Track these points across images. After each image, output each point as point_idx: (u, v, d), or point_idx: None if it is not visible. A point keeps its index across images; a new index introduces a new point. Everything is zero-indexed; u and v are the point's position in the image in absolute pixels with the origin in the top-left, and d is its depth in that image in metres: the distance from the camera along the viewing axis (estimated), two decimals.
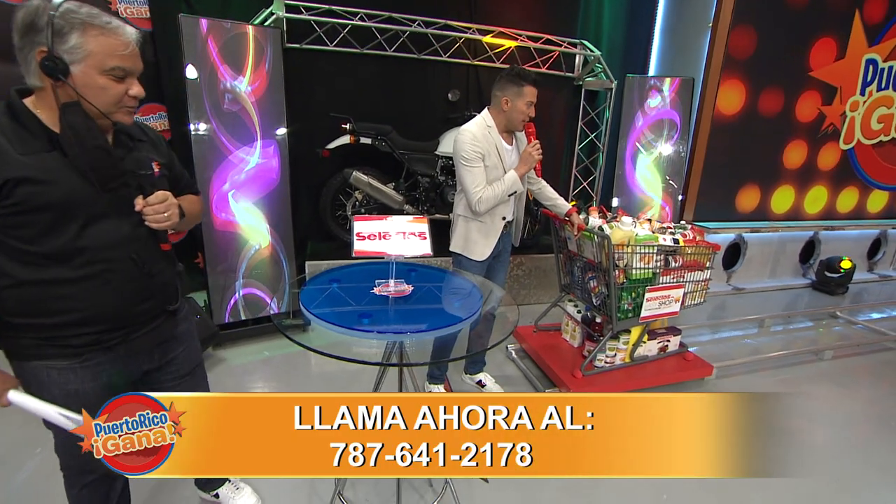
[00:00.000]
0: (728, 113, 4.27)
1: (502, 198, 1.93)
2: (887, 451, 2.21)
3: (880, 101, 4.88)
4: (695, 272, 2.47)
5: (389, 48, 3.50)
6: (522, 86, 1.89)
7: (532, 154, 1.93)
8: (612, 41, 4.30)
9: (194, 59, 2.51)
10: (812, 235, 4.87)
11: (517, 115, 1.93)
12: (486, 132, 1.96)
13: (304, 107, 3.48)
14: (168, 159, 1.21)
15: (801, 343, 3.31)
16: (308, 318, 1.18)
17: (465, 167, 1.93)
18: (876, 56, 4.67)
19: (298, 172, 3.55)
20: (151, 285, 1.13)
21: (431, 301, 1.34)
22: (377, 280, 1.35)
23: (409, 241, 1.33)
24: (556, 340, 2.77)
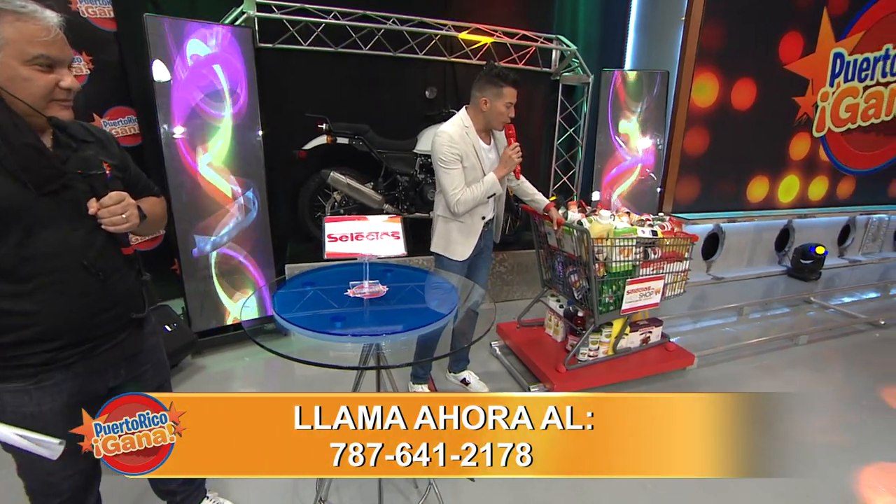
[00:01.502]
0: (703, 105, 4.33)
1: (481, 199, 1.92)
2: (858, 430, 2.27)
3: (847, 92, 5.06)
4: (674, 263, 2.49)
5: (364, 46, 3.46)
6: (502, 87, 1.87)
7: (512, 157, 1.92)
8: (587, 36, 4.32)
9: (162, 60, 2.44)
10: (786, 224, 4.98)
11: (496, 116, 1.91)
12: (464, 133, 1.94)
13: (279, 107, 3.42)
14: (121, 160, 1.14)
15: (777, 329, 3.38)
16: (279, 324, 1.15)
17: (443, 170, 1.91)
18: (842, 50, 4.85)
19: (275, 174, 3.51)
20: (112, 294, 1.08)
21: (407, 301, 1.32)
22: (351, 282, 1.32)
23: (383, 241, 1.31)
24: (539, 336, 2.78)
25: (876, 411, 2.44)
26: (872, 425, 2.32)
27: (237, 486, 1.85)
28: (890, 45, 5.15)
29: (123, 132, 3.09)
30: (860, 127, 5.30)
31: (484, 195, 1.91)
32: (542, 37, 3.91)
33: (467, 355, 2.51)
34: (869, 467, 2.03)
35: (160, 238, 3.42)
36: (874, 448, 2.14)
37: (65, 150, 1.00)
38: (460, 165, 1.91)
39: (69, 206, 0.98)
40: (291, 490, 1.82)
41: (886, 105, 5.37)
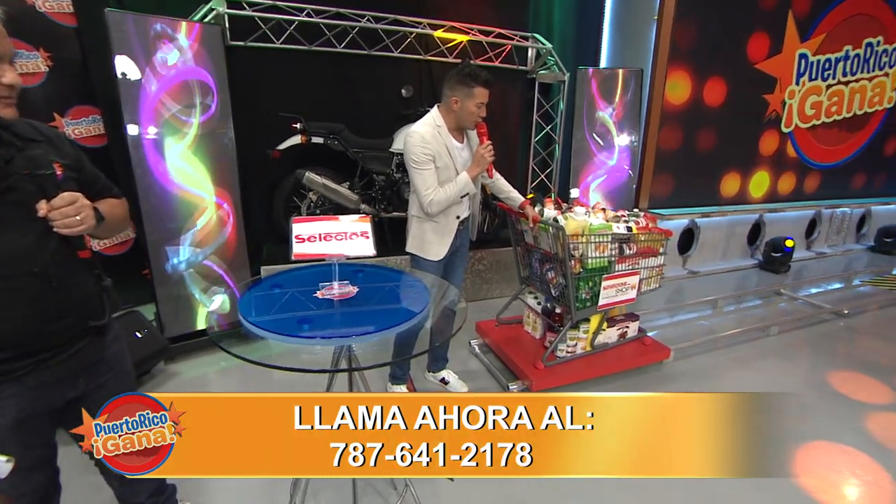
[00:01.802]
0: (676, 103, 4.42)
1: (454, 199, 1.91)
2: (826, 415, 2.35)
3: (811, 91, 5.27)
4: (649, 258, 2.53)
5: (339, 45, 3.42)
6: (472, 87, 1.86)
7: (484, 156, 1.91)
8: (563, 34, 4.35)
9: (125, 57, 2.36)
10: (758, 218, 5.11)
11: (467, 115, 1.90)
12: (436, 132, 1.92)
13: (253, 107, 3.35)
14: (74, 160, 1.09)
15: (750, 321, 3.47)
16: (245, 329, 1.12)
17: (416, 170, 1.90)
18: (807, 51, 5.05)
19: (249, 175, 3.44)
20: (66, 301, 1.04)
21: (378, 301, 1.30)
22: (321, 283, 1.29)
23: (352, 241, 1.29)
24: (518, 333, 2.79)
25: (833, 396, 2.53)
26: (825, 408, 2.42)
27: (211, 496, 1.80)
28: (849, 47, 5.36)
29: (88, 132, 2.98)
30: (824, 123, 5.51)
31: (457, 195, 1.90)
32: (517, 35, 3.92)
33: (446, 354, 2.51)
34: (811, 445, 2.11)
35: (130, 242, 3.32)
36: (822, 428, 2.23)
37: (9, 150, 0.95)
38: (433, 165, 1.90)
39: (15, 209, 0.93)
40: (268, 496, 1.78)
41: (847, 103, 5.59)
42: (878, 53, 5.61)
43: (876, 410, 2.41)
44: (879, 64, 5.67)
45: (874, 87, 5.75)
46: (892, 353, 3.06)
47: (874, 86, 5.74)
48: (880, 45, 5.58)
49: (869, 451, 2.09)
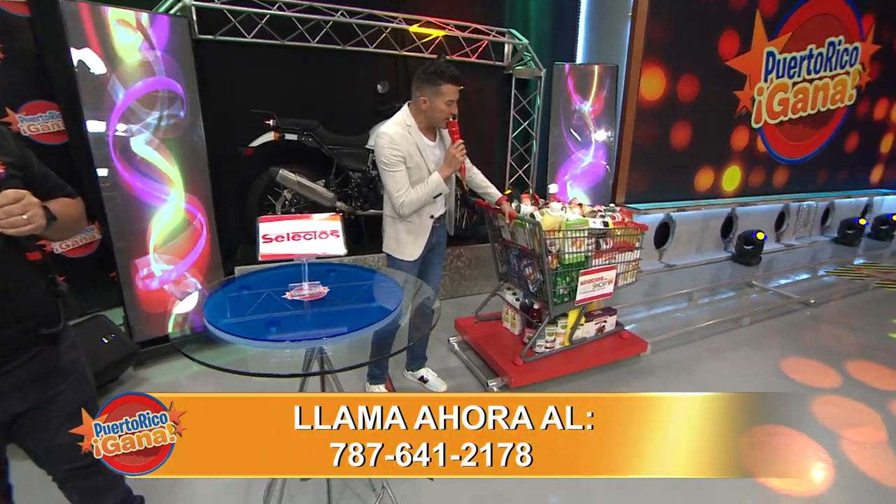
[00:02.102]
0: (651, 99, 4.48)
1: (426, 200, 1.89)
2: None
3: (779, 88, 5.44)
4: (625, 253, 2.55)
5: (312, 39, 3.34)
6: (439, 84, 1.82)
7: (456, 156, 1.87)
8: (539, 30, 4.35)
9: (83, 49, 2.25)
10: (730, 212, 5.24)
11: (437, 114, 1.86)
12: (406, 132, 1.89)
13: (224, 103, 3.25)
14: (19, 158, 1.02)
15: (724, 313, 3.55)
16: (211, 333, 1.07)
17: (387, 172, 1.87)
18: (774, 49, 5.19)
19: (222, 173, 3.34)
20: (12, 307, 0.97)
21: (349, 302, 1.26)
22: (290, 284, 1.25)
23: (322, 240, 1.25)
24: (497, 329, 2.79)
25: (792, 385, 2.61)
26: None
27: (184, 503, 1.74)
28: (813, 46, 5.54)
29: (45, 129, 2.83)
30: (791, 119, 5.69)
31: (429, 195, 1.87)
32: (493, 30, 3.91)
33: (425, 352, 2.48)
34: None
35: (96, 243, 3.19)
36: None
37: None
38: (403, 166, 1.87)
39: None
40: (243, 502, 1.73)
41: (811, 100, 5.79)
42: (839, 52, 5.82)
43: (825, 394, 2.50)
44: (841, 63, 5.88)
45: (836, 85, 5.96)
46: (852, 340, 3.18)
47: (836, 84, 5.95)
48: (841, 44, 5.79)
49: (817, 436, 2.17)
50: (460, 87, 1.85)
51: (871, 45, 6.06)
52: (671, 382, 2.58)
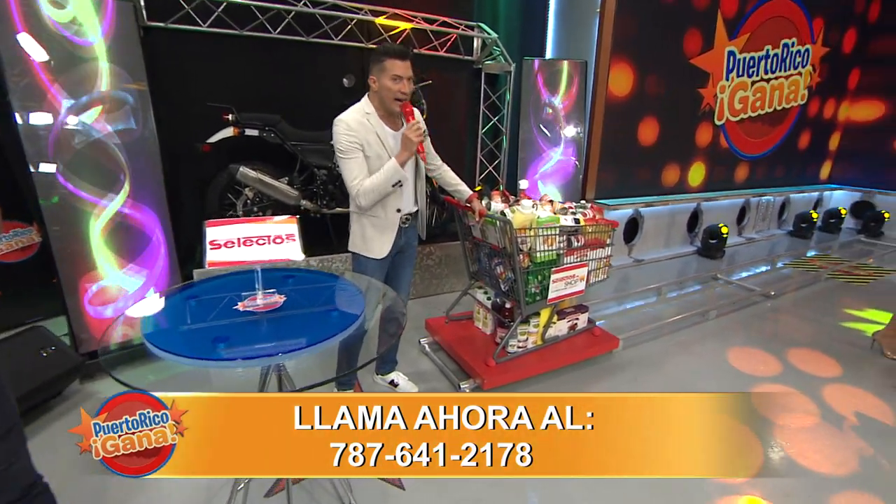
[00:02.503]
0: (620, 95, 4.53)
1: (384, 188, 1.78)
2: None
3: (739, 86, 5.62)
4: (597, 250, 2.55)
5: (274, 30, 3.18)
6: (383, 60, 1.74)
7: (410, 137, 1.75)
8: (509, 24, 4.31)
9: (12, 34, 2.04)
10: (696, 207, 5.38)
11: (386, 93, 1.77)
12: (364, 119, 1.81)
13: (179, 96, 3.06)
14: None
15: (691, 306, 3.62)
16: (150, 351, 0.97)
17: (342, 160, 1.79)
18: (734, 48, 5.35)
19: (180, 170, 3.16)
20: None
21: (307, 311, 1.16)
22: (244, 293, 1.14)
23: (277, 245, 1.14)
24: (468, 329, 2.74)
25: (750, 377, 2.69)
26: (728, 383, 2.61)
27: None
28: (769, 46, 5.75)
29: None
30: (750, 117, 5.89)
31: (386, 183, 1.77)
32: (462, 24, 3.84)
33: (395, 356, 2.41)
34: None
35: (35, 247, 2.95)
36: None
37: None
38: (360, 154, 1.79)
39: None
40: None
41: (769, 98, 6.01)
42: (792, 53, 6.06)
43: (764, 383, 2.59)
44: (794, 64, 6.13)
45: (790, 85, 6.22)
46: (809, 331, 3.31)
47: (790, 83, 6.20)
48: (794, 45, 6.04)
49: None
50: (406, 61, 1.75)
51: (821, 48, 6.35)
52: (642, 378, 2.60)
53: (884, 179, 6.70)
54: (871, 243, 6.08)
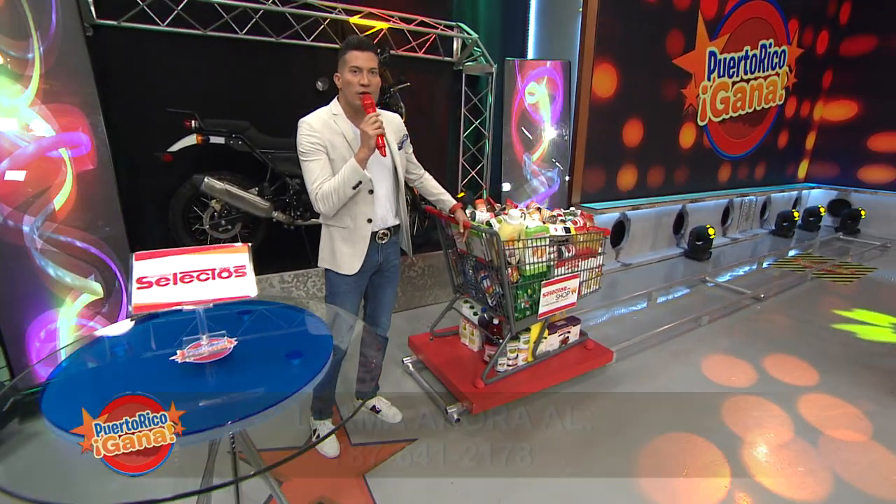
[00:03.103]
0: (604, 96, 4.43)
1: (343, 191, 1.59)
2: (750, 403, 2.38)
3: (720, 87, 5.61)
4: (588, 259, 2.41)
5: (240, 30, 2.98)
6: (345, 54, 1.62)
7: (366, 131, 1.55)
8: (489, 24, 4.18)
9: None
10: (681, 208, 5.33)
11: (347, 87, 1.62)
12: (330, 120, 1.66)
13: (138, 101, 2.83)
14: None
15: (683, 312, 3.52)
16: (50, 430, 0.78)
17: (304, 162, 1.65)
18: (715, 49, 5.33)
19: (142, 181, 2.94)
20: None
21: (260, 360, 0.96)
22: (185, 338, 0.94)
23: (222, 280, 0.95)
24: (454, 347, 2.57)
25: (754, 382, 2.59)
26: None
27: None
28: (748, 47, 5.76)
29: None
30: (731, 117, 5.89)
31: (344, 184, 1.58)
32: (441, 24, 3.68)
33: (377, 380, 2.22)
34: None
35: None
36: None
37: None
38: (323, 156, 1.63)
39: None
40: None
41: (749, 99, 6.03)
42: (770, 54, 6.10)
43: (806, 392, 2.49)
44: (772, 64, 6.17)
45: (769, 86, 6.25)
46: (801, 334, 3.24)
47: (768, 84, 6.24)
48: (772, 46, 6.07)
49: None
50: (367, 52, 1.60)
51: (796, 49, 6.41)
52: (640, 391, 2.47)
53: (858, 177, 6.80)
54: (849, 241, 6.15)
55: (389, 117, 1.83)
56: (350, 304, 1.81)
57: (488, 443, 2.04)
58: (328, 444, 1.96)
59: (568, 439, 2.08)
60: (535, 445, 2.04)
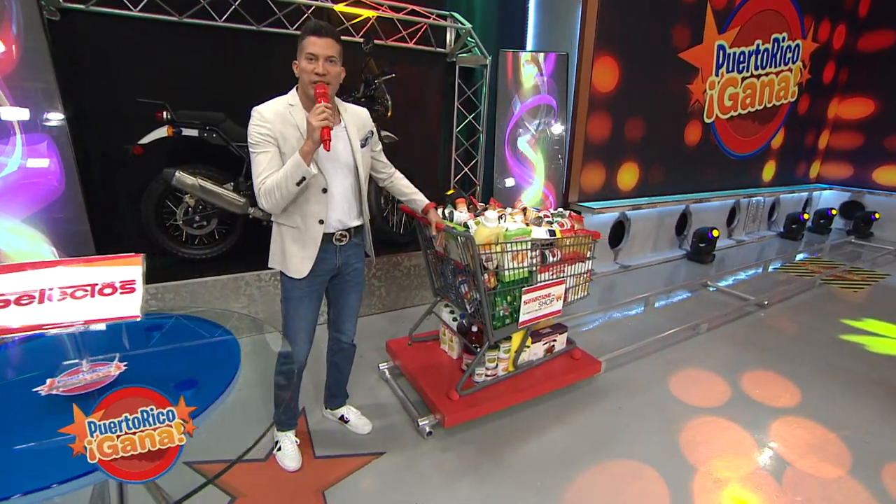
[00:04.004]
0: (604, 90, 4.25)
1: (287, 186, 1.45)
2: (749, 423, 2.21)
3: (729, 82, 5.37)
4: (576, 264, 2.26)
5: (219, 18, 2.85)
6: (302, 40, 1.47)
7: (311, 122, 1.41)
8: (485, 13, 4.00)
9: None
10: (684, 209, 5.13)
11: (303, 75, 1.49)
12: (286, 111, 1.51)
13: (107, 91, 2.72)
14: None
15: (681, 318, 3.35)
16: None
17: (253, 154, 1.50)
18: (724, 42, 5.09)
19: (116, 175, 2.86)
20: None
21: (152, 385, 0.84)
22: (65, 362, 0.80)
23: (103, 298, 0.81)
24: (433, 353, 2.43)
25: (749, 403, 2.42)
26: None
27: None
28: (760, 41, 5.51)
29: None
30: (740, 115, 5.66)
31: (287, 180, 1.44)
32: (434, 13, 3.52)
33: (345, 388, 2.09)
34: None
35: None
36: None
37: None
38: (272, 148, 1.49)
39: None
40: None
41: (759, 95, 5.78)
42: (783, 49, 5.84)
43: (786, 414, 2.32)
44: (784, 59, 5.92)
45: (780, 82, 6.00)
46: (805, 346, 3.06)
47: (780, 80, 5.99)
48: (785, 40, 5.82)
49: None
50: (325, 38, 1.45)
51: (811, 43, 6.15)
52: (628, 405, 2.32)
53: (873, 179, 6.55)
54: (861, 245, 5.91)
55: (354, 111, 1.69)
56: (306, 309, 1.68)
57: (460, 459, 1.91)
58: (288, 457, 1.84)
59: (545, 457, 1.94)
60: (510, 463, 1.90)
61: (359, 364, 2.57)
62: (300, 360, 1.75)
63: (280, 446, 1.87)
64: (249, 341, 1.35)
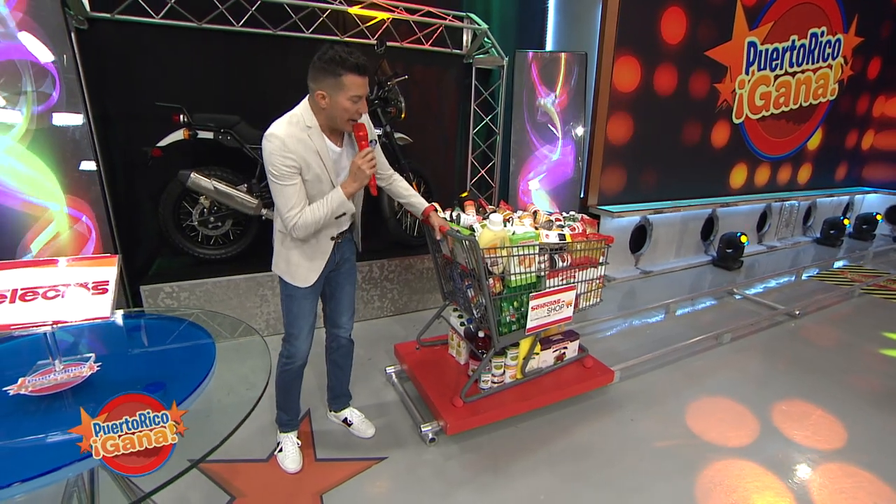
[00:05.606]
0: (625, 90, 4.12)
1: (327, 221, 1.49)
2: (778, 446, 2.07)
3: (760, 80, 5.12)
4: (587, 270, 2.18)
5: (237, 23, 2.90)
6: (340, 75, 1.38)
7: (362, 168, 1.47)
8: (503, 15, 3.95)
9: None
10: (711, 213, 4.93)
11: (340, 113, 1.43)
12: (305, 136, 1.45)
13: (132, 95, 2.80)
14: None
15: (703, 327, 3.21)
16: None
17: (276, 184, 1.45)
18: (755, 39, 4.87)
19: (136, 177, 2.94)
20: None
21: (125, 386, 0.83)
22: (40, 362, 0.81)
23: (75, 299, 0.81)
24: (441, 358, 2.39)
25: (775, 434, 2.27)
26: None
27: None
28: (795, 37, 5.24)
29: None
30: (773, 114, 5.40)
31: (329, 216, 1.47)
32: (450, 14, 3.50)
33: (347, 390, 2.08)
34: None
35: None
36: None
37: None
38: (298, 179, 1.46)
39: None
40: None
41: (794, 94, 5.50)
42: (822, 44, 5.54)
43: (830, 459, 2.17)
44: (823, 55, 5.61)
45: (818, 79, 5.70)
46: (841, 361, 2.86)
47: (818, 77, 5.68)
48: (824, 35, 5.52)
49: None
50: (367, 77, 1.42)
51: (854, 38, 5.81)
52: (641, 418, 2.22)
53: None
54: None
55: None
56: (308, 308, 1.70)
57: (462, 468, 1.86)
58: (289, 458, 1.84)
59: (550, 470, 1.87)
60: (513, 474, 1.84)
61: (367, 366, 2.56)
62: (303, 356, 1.76)
63: (281, 447, 1.87)
64: (249, 342, 1.35)
